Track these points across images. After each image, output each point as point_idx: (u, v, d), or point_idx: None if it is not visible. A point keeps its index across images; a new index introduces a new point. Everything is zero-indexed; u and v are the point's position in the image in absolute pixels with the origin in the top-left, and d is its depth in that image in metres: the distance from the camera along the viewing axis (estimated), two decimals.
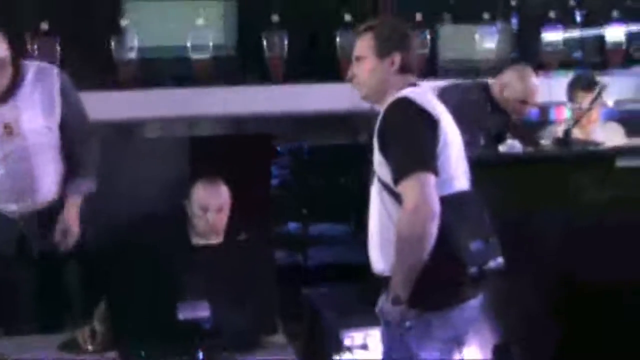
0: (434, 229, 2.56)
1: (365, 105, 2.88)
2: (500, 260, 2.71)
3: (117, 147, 4.24)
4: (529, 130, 4.05)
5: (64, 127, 3.36)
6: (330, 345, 3.42)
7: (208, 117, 4.60)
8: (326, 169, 5.14)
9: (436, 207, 2.56)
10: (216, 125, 4.70)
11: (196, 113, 4.52)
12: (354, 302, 3.74)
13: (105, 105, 4.11)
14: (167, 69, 4.60)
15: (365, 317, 3.27)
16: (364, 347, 3.37)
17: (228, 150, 4.40)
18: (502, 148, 3.53)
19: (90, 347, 2.95)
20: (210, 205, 3.28)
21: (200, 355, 2.70)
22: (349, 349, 3.37)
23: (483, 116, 3.86)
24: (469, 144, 2.91)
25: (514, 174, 3.40)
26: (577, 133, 3.90)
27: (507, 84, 3.96)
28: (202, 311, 2.70)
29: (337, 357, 3.37)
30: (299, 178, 5.13)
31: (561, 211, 3.34)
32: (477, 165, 2.87)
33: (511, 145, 3.48)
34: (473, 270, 2.64)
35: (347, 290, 3.95)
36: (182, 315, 2.69)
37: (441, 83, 4.08)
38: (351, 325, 3.45)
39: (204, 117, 4.59)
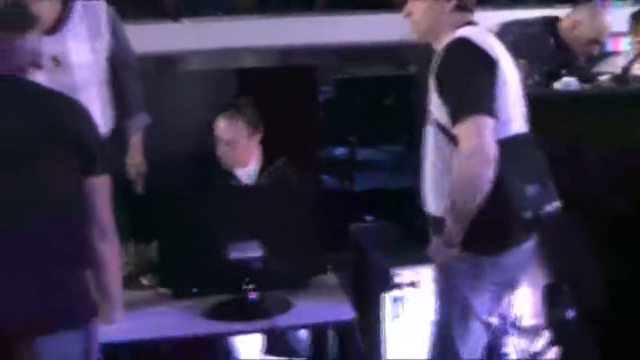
0: (490, 174, 2.51)
1: None
2: (556, 204, 2.67)
3: (160, 80, 4.20)
4: (586, 66, 3.91)
5: (113, 61, 3.37)
6: (379, 283, 3.41)
7: (252, 49, 4.54)
8: (374, 98, 5.08)
9: (493, 151, 2.51)
10: (260, 57, 4.65)
11: (240, 45, 4.47)
12: (402, 238, 3.72)
13: (147, 37, 4.05)
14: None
15: (415, 254, 3.25)
16: (414, 284, 3.35)
17: (272, 82, 4.35)
18: (557, 85, 3.42)
19: (145, 282, 2.99)
20: (222, 137, 3.36)
21: (251, 294, 2.72)
22: (398, 286, 3.36)
23: (543, 52, 3.72)
24: (524, 80, 2.83)
25: (570, 112, 3.31)
26: (637, 68, 3.77)
27: (579, 22, 3.79)
28: (253, 251, 2.70)
29: (386, 295, 3.36)
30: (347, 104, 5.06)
31: (617, 150, 3.26)
32: (532, 103, 2.80)
33: (567, 82, 3.37)
34: (528, 214, 2.60)
35: (395, 225, 3.92)
36: (233, 255, 2.70)
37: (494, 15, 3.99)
38: (400, 262, 3.42)
39: (247, 49, 4.53)
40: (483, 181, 2.51)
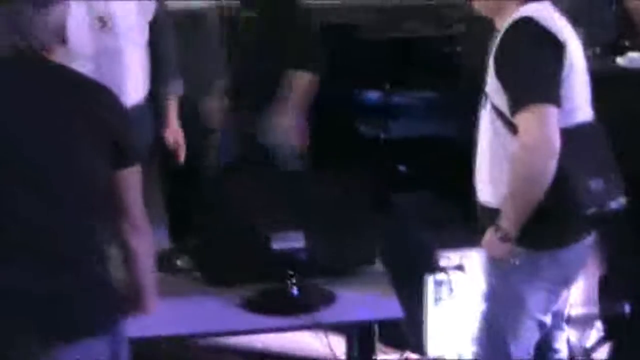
0: (553, 167, 2.34)
1: None
2: (622, 200, 2.48)
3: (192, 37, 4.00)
4: None
5: (155, 24, 3.24)
6: (422, 264, 3.25)
7: None
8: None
9: (557, 143, 2.33)
10: None
11: None
12: (449, 216, 3.53)
13: None
14: None
15: (462, 235, 3.09)
16: (460, 268, 3.20)
17: None
18: (621, 61, 3.18)
19: (181, 265, 2.86)
20: None
21: (293, 287, 2.58)
22: (444, 269, 3.20)
23: (604, 19, 3.42)
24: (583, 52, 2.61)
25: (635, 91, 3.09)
26: None
27: None
28: (296, 242, 2.56)
29: (430, 278, 3.20)
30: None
31: None
32: (594, 80, 2.59)
33: (632, 58, 3.14)
34: (591, 210, 2.43)
35: (441, 201, 3.73)
36: (275, 245, 2.56)
37: None
38: (447, 242, 3.26)
39: None
40: (546, 175, 2.34)
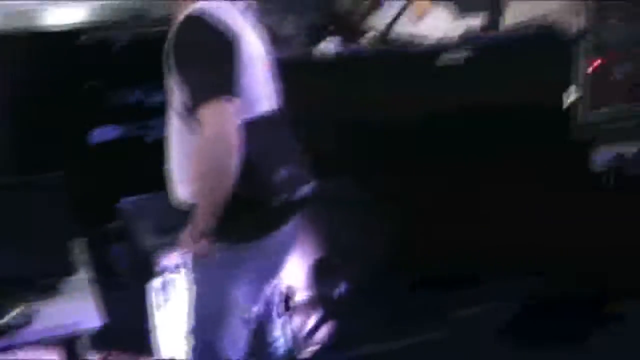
0: (235, 160, 2.34)
1: None
2: (312, 185, 2.54)
3: None
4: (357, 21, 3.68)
5: None
6: (144, 268, 3.17)
7: None
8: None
9: (237, 136, 2.33)
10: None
11: None
12: (171, 216, 3.47)
13: None
14: None
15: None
16: (181, 267, 3.15)
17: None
18: (316, 50, 3.25)
19: None
20: None
21: None
22: (166, 270, 3.14)
23: (317, 6, 3.46)
24: (290, 40, 2.66)
25: (330, 77, 3.16)
26: (406, 24, 3.63)
27: None
28: None
29: (154, 280, 3.14)
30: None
31: (382, 116, 3.17)
32: (290, 69, 2.64)
33: (326, 45, 3.21)
34: (282, 198, 2.47)
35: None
36: None
37: None
38: (167, 244, 3.20)
39: None
40: (228, 168, 2.33)
